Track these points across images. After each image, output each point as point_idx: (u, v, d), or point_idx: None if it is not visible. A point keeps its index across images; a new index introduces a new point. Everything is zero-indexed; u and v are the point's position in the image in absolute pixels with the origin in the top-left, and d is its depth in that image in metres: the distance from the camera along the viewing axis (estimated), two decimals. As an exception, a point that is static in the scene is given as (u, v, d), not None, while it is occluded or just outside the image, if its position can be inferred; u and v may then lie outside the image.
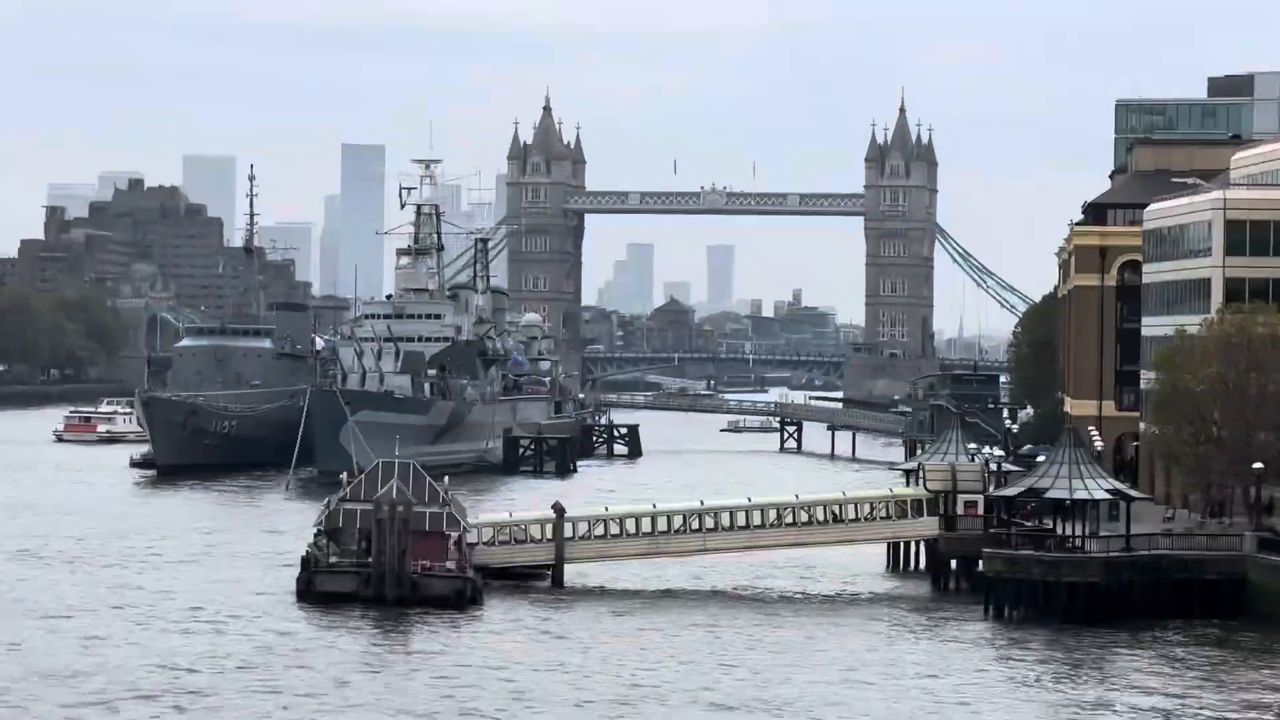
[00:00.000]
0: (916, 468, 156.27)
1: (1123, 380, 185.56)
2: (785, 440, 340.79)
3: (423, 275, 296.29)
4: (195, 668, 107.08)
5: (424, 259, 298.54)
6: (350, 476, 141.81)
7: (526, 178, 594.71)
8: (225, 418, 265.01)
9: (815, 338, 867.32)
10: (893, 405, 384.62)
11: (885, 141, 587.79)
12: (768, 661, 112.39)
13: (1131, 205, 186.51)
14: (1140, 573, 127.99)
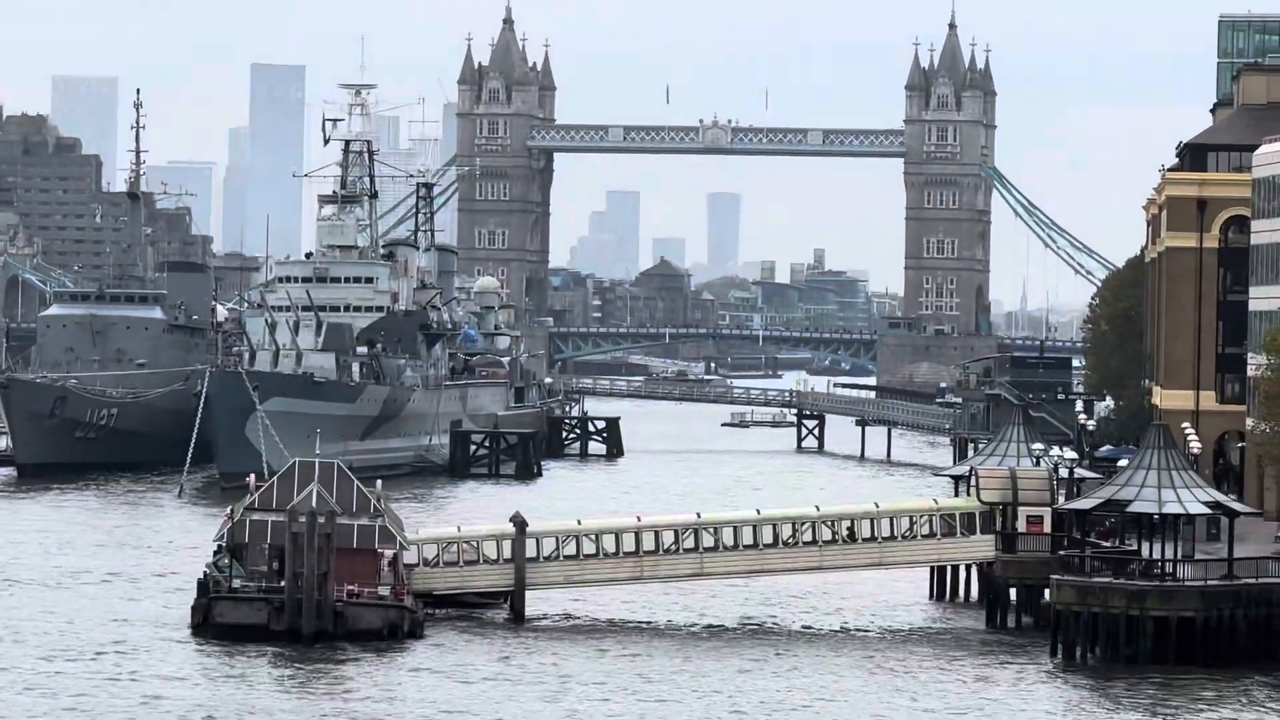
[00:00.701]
0: (968, 473, 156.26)
1: (1225, 366, 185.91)
2: (803, 438, 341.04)
3: (351, 229, 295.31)
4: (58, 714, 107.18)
5: (353, 209, 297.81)
6: (259, 480, 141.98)
7: (481, 108, 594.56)
8: (103, 405, 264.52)
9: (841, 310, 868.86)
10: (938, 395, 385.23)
11: (931, 65, 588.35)
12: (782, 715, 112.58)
13: (1238, 147, 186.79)
14: (1246, 605, 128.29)
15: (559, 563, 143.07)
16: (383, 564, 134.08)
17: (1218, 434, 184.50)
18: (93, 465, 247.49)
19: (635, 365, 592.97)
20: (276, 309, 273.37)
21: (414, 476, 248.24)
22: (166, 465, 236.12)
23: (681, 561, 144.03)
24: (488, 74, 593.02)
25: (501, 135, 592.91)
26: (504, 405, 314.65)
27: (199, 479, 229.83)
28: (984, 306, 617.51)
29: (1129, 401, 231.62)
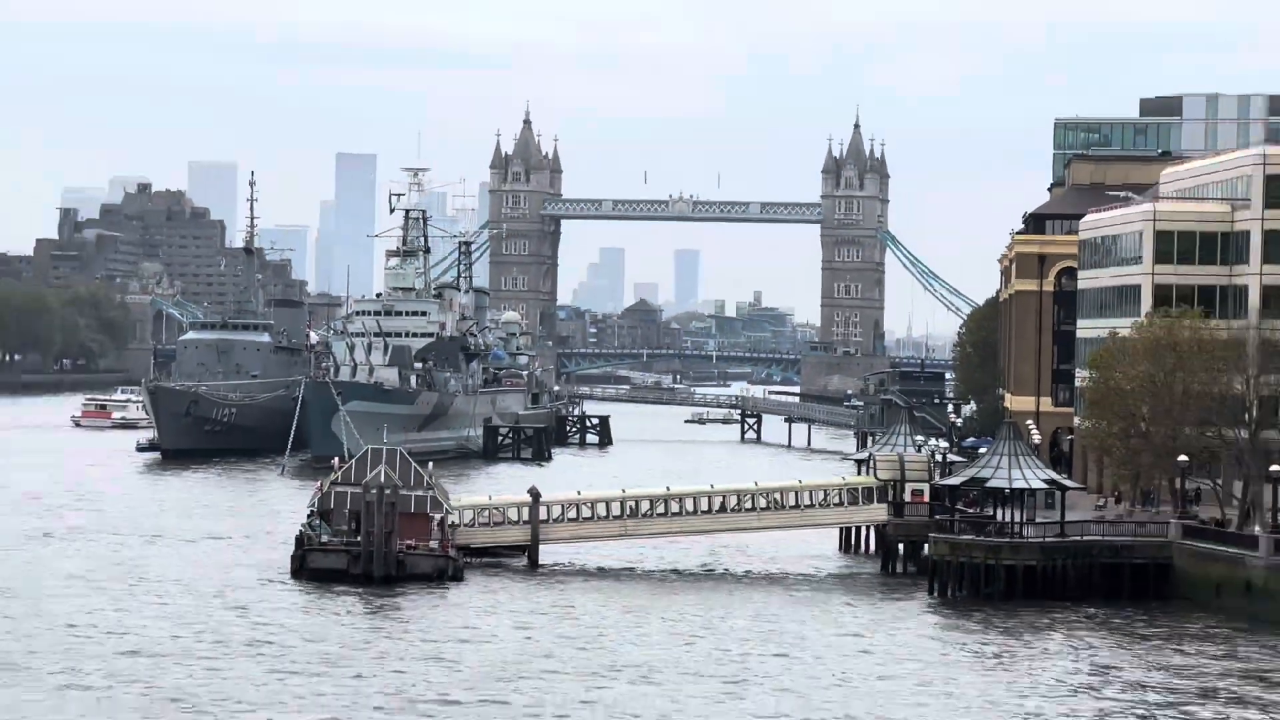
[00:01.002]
0: (867, 458, 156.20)
1: (1059, 378, 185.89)
2: (746, 431, 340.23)
3: (410, 275, 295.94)
4: (194, 639, 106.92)
5: (411, 260, 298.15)
6: (341, 461, 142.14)
7: (507, 185, 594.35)
8: (226, 406, 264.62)
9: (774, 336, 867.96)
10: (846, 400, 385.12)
11: (841, 155, 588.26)
12: (728, 637, 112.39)
13: (1068, 216, 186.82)
14: (1073, 557, 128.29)
15: (564, 524, 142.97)
16: (433, 524, 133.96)
17: (1053, 429, 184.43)
18: (218, 451, 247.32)
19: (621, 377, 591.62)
20: (354, 335, 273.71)
21: (456, 459, 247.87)
22: (272, 451, 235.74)
23: (656, 523, 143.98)
24: (512, 161, 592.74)
25: (522, 206, 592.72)
26: (523, 407, 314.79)
27: (297, 461, 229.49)
28: (880, 334, 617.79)
29: (987, 405, 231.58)
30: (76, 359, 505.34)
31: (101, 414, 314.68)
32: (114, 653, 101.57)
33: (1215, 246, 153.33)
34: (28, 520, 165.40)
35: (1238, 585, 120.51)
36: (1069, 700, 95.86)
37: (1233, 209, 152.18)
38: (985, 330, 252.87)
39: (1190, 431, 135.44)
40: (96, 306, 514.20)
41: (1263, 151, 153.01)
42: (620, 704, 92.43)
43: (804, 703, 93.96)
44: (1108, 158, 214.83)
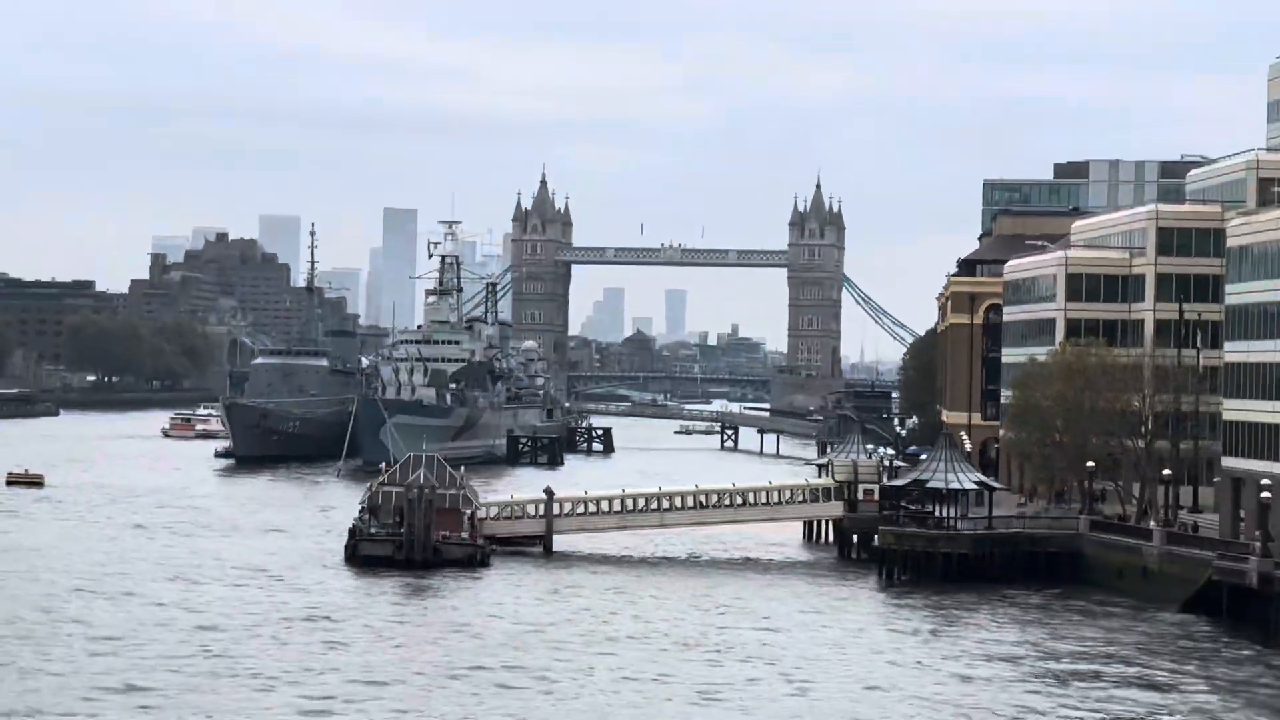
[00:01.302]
0: (826, 463, 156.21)
1: (987, 397, 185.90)
2: (725, 441, 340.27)
3: (446, 310, 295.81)
4: (263, 615, 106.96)
5: (447, 298, 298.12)
6: (388, 466, 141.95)
7: (527, 236, 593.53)
8: (291, 419, 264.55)
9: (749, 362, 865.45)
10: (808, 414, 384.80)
11: (805, 209, 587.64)
12: (710, 612, 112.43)
13: (995, 261, 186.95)
14: (999, 546, 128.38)
15: (574, 517, 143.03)
16: (464, 518, 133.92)
17: (982, 439, 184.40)
18: (284, 457, 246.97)
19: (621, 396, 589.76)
20: (399, 360, 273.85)
21: (484, 464, 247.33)
22: (329, 458, 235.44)
23: (650, 517, 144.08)
24: (531, 215, 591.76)
25: (539, 254, 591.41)
26: (540, 420, 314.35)
27: (350, 466, 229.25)
28: (837, 360, 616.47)
29: (927, 419, 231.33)
30: (164, 380, 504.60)
31: (186, 426, 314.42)
32: (195, 627, 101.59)
33: (1117, 287, 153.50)
34: (124, 513, 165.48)
35: (1136, 570, 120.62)
36: (993, 665, 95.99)
37: (1131, 256, 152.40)
38: (925, 357, 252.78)
39: (1096, 441, 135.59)
40: (181, 336, 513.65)
41: (1155, 208, 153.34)
42: (621, 668, 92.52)
43: (773, 669, 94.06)
44: (1027, 213, 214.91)
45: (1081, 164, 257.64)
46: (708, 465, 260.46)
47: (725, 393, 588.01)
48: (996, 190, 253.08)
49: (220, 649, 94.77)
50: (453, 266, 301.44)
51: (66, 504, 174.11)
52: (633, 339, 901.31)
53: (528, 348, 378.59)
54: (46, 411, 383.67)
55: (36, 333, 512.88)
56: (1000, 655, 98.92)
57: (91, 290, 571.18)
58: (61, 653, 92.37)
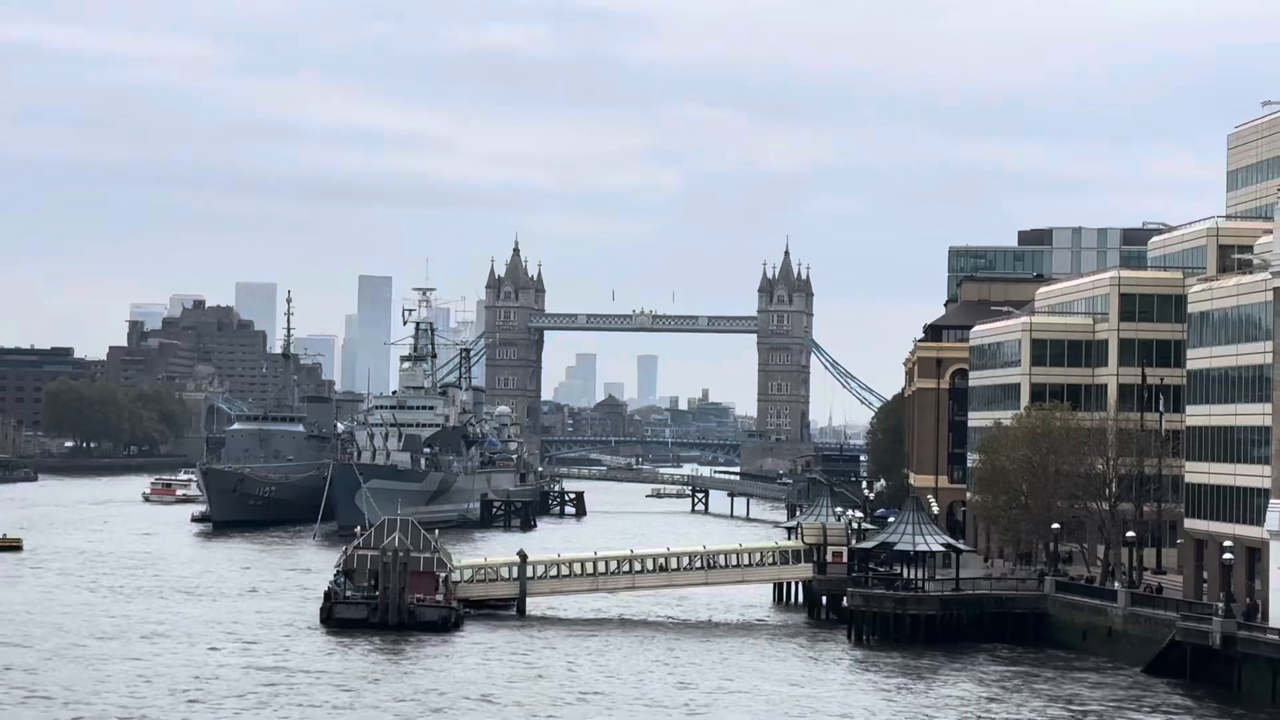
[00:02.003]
0: (796, 525, 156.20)
1: (954, 460, 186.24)
2: (695, 504, 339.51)
3: (420, 376, 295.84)
4: (236, 676, 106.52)
5: (421, 364, 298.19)
6: (363, 530, 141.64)
7: (500, 302, 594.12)
8: (267, 484, 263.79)
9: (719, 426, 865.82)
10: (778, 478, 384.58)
11: (773, 276, 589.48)
12: (681, 671, 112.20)
13: (961, 327, 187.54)
14: (966, 608, 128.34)
15: (547, 580, 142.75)
16: (438, 581, 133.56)
17: (949, 502, 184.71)
18: (260, 521, 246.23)
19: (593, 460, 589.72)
20: (374, 425, 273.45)
21: (458, 528, 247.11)
22: (305, 522, 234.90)
23: (623, 579, 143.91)
24: (504, 282, 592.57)
25: (512, 320, 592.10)
26: (513, 484, 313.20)
27: (326, 530, 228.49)
28: (806, 424, 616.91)
29: (894, 482, 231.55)
30: (142, 446, 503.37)
31: (167, 490, 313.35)
32: (170, 690, 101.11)
33: (1080, 352, 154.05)
34: (101, 577, 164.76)
35: (1100, 630, 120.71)
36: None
37: (1094, 321, 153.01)
38: (893, 420, 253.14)
39: (1061, 504, 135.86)
40: (159, 402, 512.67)
41: (1118, 275, 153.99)
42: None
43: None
44: (992, 279, 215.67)
45: (1045, 231, 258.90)
46: (679, 528, 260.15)
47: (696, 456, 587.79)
48: (962, 257, 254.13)
49: (196, 712, 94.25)
50: (427, 333, 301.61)
51: (44, 568, 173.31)
52: (605, 404, 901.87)
53: (501, 413, 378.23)
54: (25, 477, 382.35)
55: (15, 399, 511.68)
56: (967, 714, 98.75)
57: (70, 357, 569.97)
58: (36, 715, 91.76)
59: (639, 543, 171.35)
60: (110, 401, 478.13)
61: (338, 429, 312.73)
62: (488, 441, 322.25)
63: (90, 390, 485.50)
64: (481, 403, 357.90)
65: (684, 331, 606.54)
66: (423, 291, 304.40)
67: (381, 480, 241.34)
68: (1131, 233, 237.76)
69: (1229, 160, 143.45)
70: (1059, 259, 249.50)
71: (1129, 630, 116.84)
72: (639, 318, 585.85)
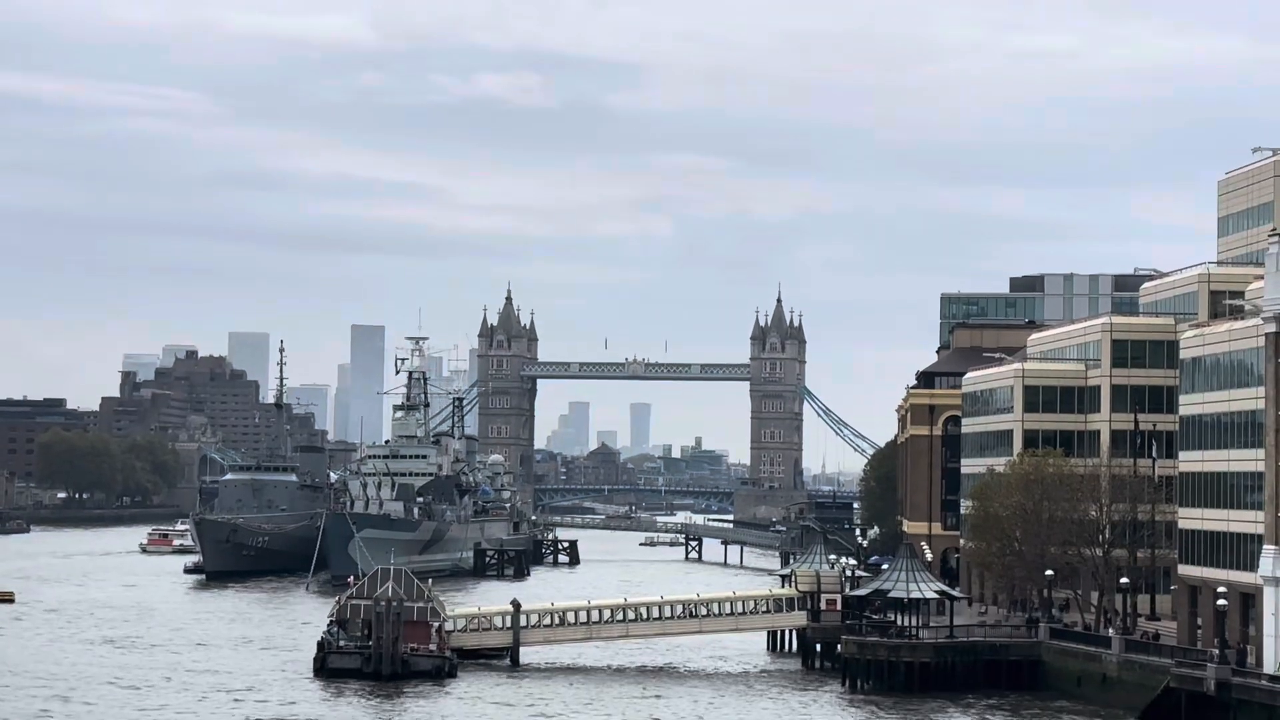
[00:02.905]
0: (790, 573, 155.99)
1: (947, 507, 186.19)
2: (689, 552, 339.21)
3: (413, 425, 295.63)
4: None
5: (414, 413, 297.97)
6: (356, 579, 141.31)
7: (492, 351, 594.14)
8: (260, 534, 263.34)
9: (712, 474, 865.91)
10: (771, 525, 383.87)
11: (766, 324, 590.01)
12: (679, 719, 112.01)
13: (953, 373, 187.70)
14: (961, 654, 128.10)
15: (541, 629, 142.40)
16: (432, 631, 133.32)
17: (943, 549, 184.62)
18: (253, 571, 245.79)
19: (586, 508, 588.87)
20: (367, 475, 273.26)
21: (451, 577, 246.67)
22: (299, 571, 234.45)
23: (616, 627, 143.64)
24: (496, 331, 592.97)
25: (505, 369, 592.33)
26: (506, 533, 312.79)
27: (319, 579, 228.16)
28: (799, 471, 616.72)
29: (888, 529, 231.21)
30: (134, 496, 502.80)
31: (164, 541, 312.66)
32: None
33: (1073, 398, 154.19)
34: (94, 628, 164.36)
35: (1095, 677, 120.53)
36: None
37: (1086, 368, 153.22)
38: (886, 467, 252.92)
39: (1055, 550, 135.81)
40: (151, 452, 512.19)
41: (1110, 321, 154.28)
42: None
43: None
44: (984, 325, 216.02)
45: (1036, 278, 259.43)
46: (672, 576, 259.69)
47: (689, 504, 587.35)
48: (954, 304, 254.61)
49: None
50: (420, 382, 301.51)
51: (37, 620, 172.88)
52: (598, 452, 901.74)
53: (494, 461, 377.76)
54: (17, 529, 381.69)
55: (8, 450, 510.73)
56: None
57: (62, 408, 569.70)
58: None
59: (633, 591, 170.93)
60: (103, 452, 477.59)
61: (331, 478, 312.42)
62: (481, 490, 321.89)
63: (82, 441, 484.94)
64: (475, 451, 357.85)
65: (677, 379, 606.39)
66: (415, 340, 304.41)
67: (375, 530, 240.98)
68: (1123, 279, 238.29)
69: (1220, 206, 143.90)
70: (1051, 305, 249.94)
71: (1124, 677, 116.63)
72: (631, 366, 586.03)
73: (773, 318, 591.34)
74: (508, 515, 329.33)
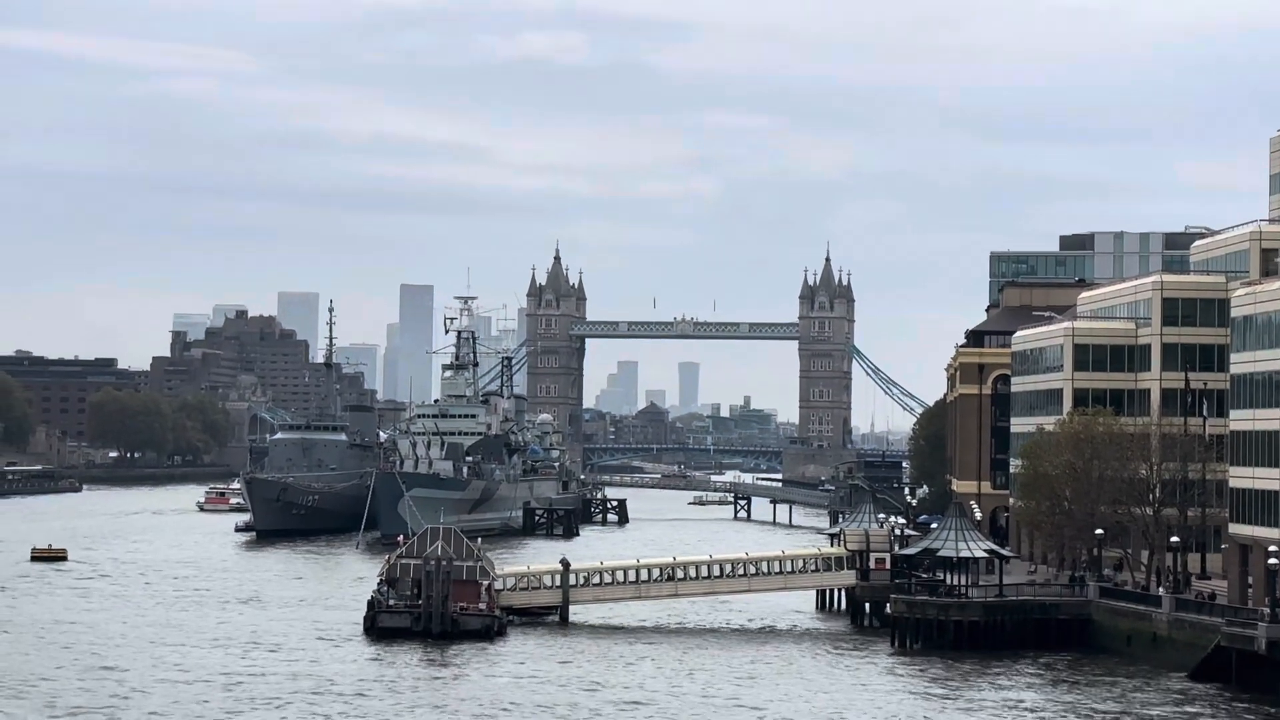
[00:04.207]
0: (839, 532, 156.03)
1: (996, 466, 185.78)
2: (738, 511, 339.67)
3: (462, 385, 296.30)
4: (287, 686, 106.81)
5: (463, 372, 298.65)
6: (406, 538, 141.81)
7: (541, 310, 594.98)
8: (310, 493, 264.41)
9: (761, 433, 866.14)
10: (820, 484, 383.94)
11: (814, 283, 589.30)
12: (726, 678, 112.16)
13: (1002, 332, 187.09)
14: (1010, 613, 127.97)
15: (590, 588, 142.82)
16: (481, 589, 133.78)
17: (992, 508, 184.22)
18: (303, 531, 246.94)
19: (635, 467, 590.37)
20: (416, 434, 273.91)
21: (500, 536, 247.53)
22: (348, 531, 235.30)
23: (665, 586, 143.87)
24: (545, 290, 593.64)
25: (553, 328, 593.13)
26: (555, 492, 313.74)
27: (369, 539, 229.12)
28: (848, 431, 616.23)
29: (937, 488, 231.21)
30: (185, 455, 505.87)
31: (221, 500, 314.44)
32: (213, 699, 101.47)
33: (1123, 357, 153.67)
34: (145, 586, 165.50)
35: (1145, 636, 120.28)
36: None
37: (1136, 326, 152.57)
38: (935, 426, 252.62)
39: (1105, 509, 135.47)
40: (202, 412, 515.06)
41: (1160, 279, 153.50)
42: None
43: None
44: (1034, 284, 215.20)
45: (1087, 236, 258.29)
46: (721, 535, 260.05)
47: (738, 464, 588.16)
48: (1003, 262, 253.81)
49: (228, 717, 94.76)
50: (468, 341, 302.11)
51: (89, 578, 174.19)
52: (646, 411, 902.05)
53: (543, 421, 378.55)
54: (69, 488, 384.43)
55: (60, 410, 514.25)
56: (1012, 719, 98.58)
57: (113, 367, 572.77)
58: None
59: (681, 550, 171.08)
60: (154, 411, 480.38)
61: (380, 438, 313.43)
62: (530, 449, 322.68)
63: (134, 400, 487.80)
64: (523, 411, 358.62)
65: (725, 338, 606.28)
66: (464, 300, 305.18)
67: (424, 489, 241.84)
68: (1174, 237, 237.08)
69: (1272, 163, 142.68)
70: (1101, 264, 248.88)
71: (1174, 636, 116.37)
72: (680, 325, 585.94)
73: (821, 276, 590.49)
74: (556, 474, 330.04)
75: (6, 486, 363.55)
